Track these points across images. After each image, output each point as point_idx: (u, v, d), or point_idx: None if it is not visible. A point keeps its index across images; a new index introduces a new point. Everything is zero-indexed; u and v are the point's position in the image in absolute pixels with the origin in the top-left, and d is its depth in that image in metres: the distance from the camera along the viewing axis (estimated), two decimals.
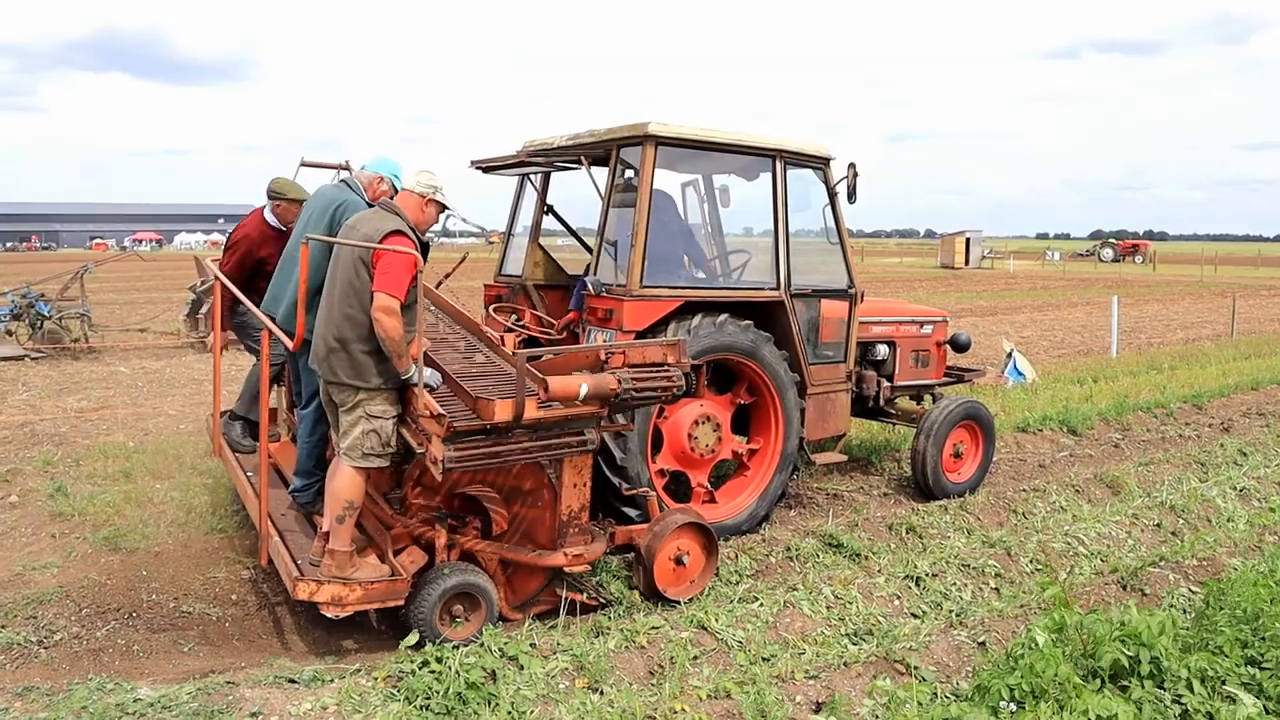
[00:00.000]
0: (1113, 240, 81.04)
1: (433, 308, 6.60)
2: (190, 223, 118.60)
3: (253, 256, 6.71)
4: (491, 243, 7.47)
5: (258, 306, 5.87)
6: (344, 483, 4.82)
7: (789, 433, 7.05)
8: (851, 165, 7.18)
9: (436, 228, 5.32)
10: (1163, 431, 10.89)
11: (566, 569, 5.30)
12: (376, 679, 4.30)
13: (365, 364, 4.75)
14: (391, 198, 5.71)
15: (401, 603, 4.84)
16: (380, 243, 4.70)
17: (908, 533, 7.08)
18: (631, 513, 6.21)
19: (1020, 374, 13.61)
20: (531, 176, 8.06)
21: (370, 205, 5.68)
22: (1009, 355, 14.02)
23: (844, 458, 7.99)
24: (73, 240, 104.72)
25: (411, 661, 4.37)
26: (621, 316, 6.23)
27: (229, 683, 4.25)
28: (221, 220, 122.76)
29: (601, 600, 5.67)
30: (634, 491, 6.18)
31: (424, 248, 4.96)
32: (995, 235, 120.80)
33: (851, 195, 7.23)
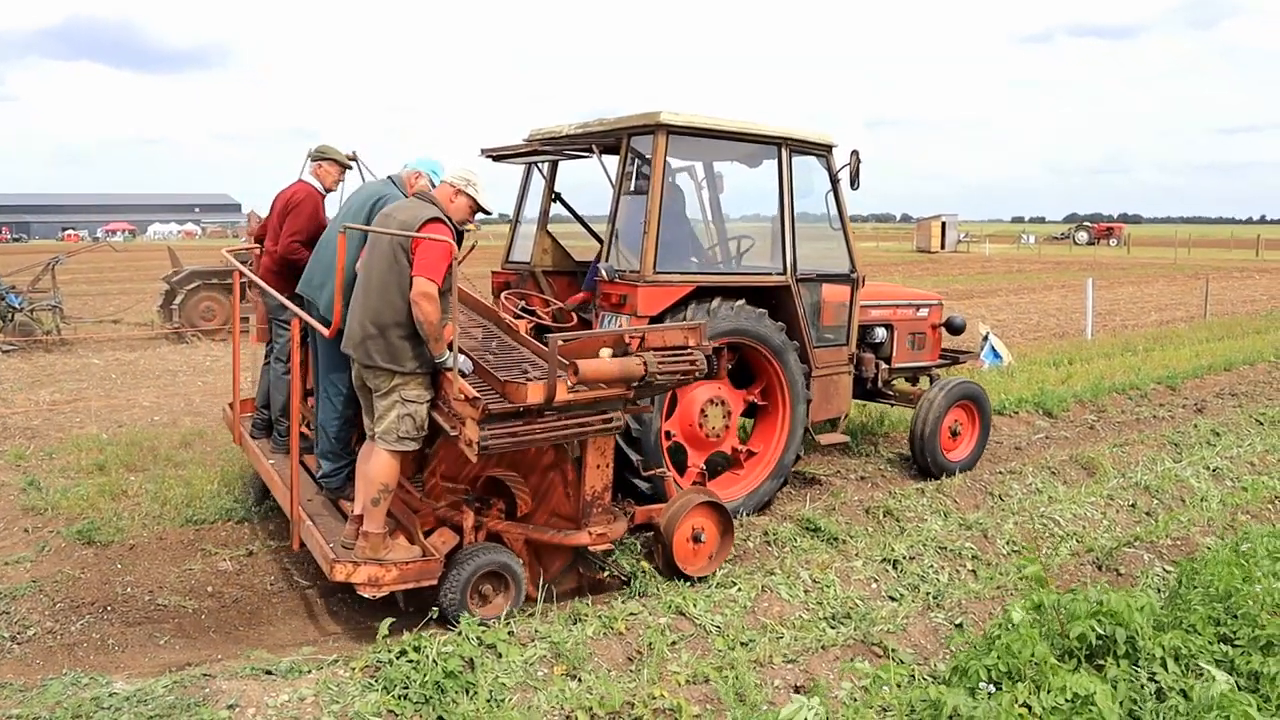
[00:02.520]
0: (1087, 223, 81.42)
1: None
2: (164, 213, 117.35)
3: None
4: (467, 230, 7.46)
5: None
6: (379, 466, 4.93)
7: (789, 444, 7.16)
8: (854, 153, 7.34)
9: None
10: (1137, 413, 10.99)
11: (591, 547, 5.41)
12: (354, 669, 4.27)
13: (401, 348, 4.84)
14: None
15: (435, 582, 4.96)
16: (418, 230, 4.79)
17: (885, 516, 7.12)
18: (634, 457, 6.30)
19: (997, 356, 13.69)
20: (539, 164, 8.13)
21: None
22: (985, 338, 14.09)
23: (847, 438, 8.17)
24: (44, 231, 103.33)
25: (389, 651, 4.35)
26: (636, 302, 6.33)
27: (205, 675, 4.21)
28: (197, 210, 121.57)
29: (621, 578, 5.82)
30: (652, 472, 6.34)
31: (458, 236, 5.08)
32: (971, 219, 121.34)
33: (854, 181, 7.40)
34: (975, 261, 48.77)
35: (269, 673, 4.31)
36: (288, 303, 5.78)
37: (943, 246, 59.10)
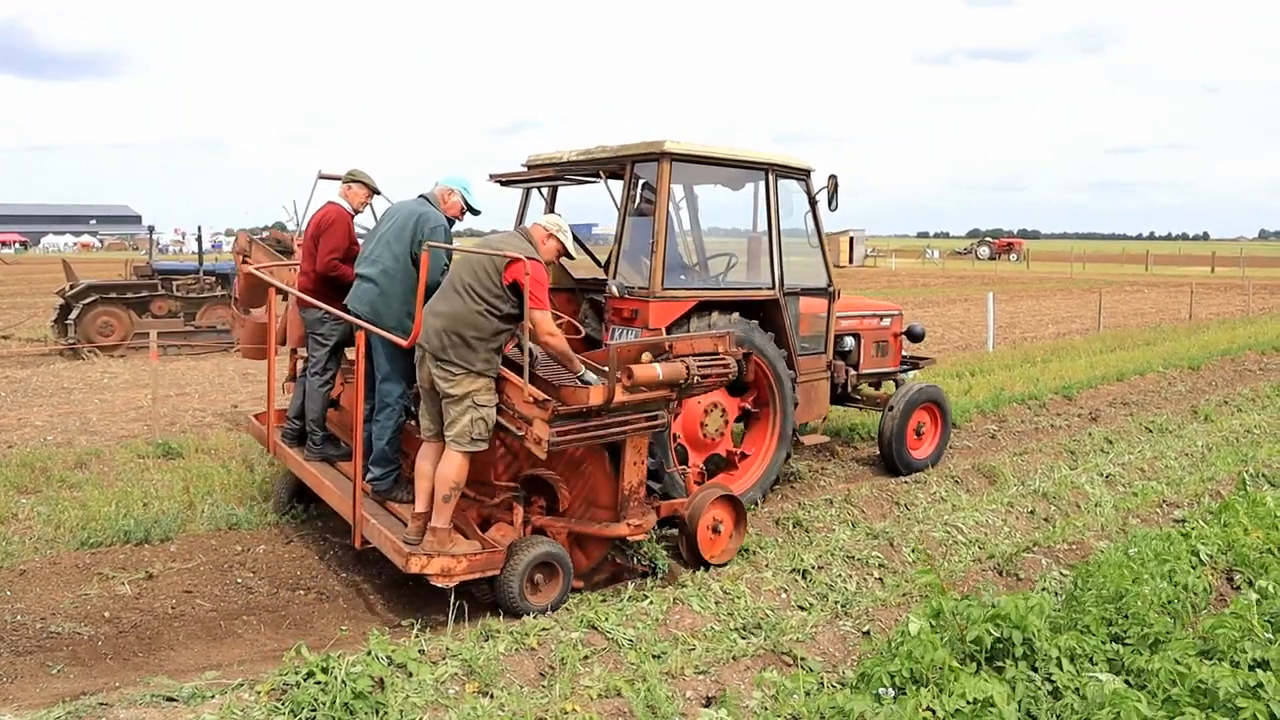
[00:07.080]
0: (989, 239, 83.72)
1: None
2: (58, 224, 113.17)
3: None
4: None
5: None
6: (453, 467, 5.38)
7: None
8: (832, 177, 7.97)
9: None
10: (1036, 422, 11.36)
11: (629, 538, 5.95)
12: (260, 693, 4.17)
13: (475, 350, 5.35)
14: (462, 211, 6.42)
15: (498, 572, 5.38)
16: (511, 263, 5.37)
17: (794, 527, 7.23)
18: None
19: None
20: (540, 187, 8.51)
21: (448, 218, 6.23)
22: None
23: (827, 439, 9.06)
24: None
25: (296, 673, 4.25)
26: (647, 316, 6.88)
27: (102, 704, 4.08)
28: (94, 221, 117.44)
29: (647, 568, 6.28)
30: (671, 469, 6.82)
31: None
32: (878, 234, 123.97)
33: (831, 202, 8.01)
34: (882, 276, 49.84)
35: (170, 699, 4.19)
36: (346, 315, 6.13)
37: (851, 261, 60.20)
